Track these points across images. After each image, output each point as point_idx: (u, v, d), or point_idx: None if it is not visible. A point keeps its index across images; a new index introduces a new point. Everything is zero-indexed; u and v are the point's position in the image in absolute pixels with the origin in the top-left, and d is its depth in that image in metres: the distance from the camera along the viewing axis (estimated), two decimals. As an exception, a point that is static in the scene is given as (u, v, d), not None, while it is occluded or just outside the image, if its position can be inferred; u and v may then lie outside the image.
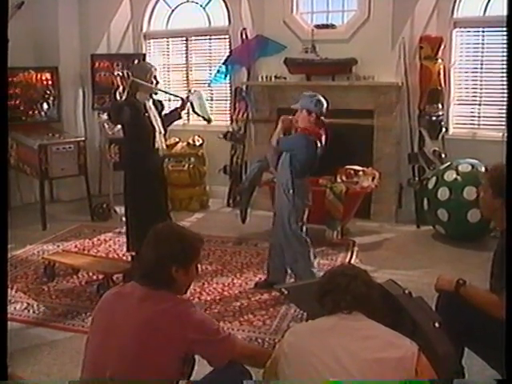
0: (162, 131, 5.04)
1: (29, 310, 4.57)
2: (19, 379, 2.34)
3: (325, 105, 4.62)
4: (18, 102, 7.37)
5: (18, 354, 3.78)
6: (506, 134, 3.13)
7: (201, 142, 7.41)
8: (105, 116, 7.54)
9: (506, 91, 5.87)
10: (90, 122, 8.00)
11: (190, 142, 7.37)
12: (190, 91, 5.82)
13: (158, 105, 5.10)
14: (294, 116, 4.67)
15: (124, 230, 5.97)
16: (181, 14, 8.10)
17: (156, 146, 4.95)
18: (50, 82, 7.58)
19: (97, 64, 7.75)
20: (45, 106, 7.54)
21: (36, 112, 7.50)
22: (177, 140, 7.43)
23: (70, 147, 6.72)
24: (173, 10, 8.13)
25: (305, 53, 6.83)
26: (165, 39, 8.26)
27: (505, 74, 6.03)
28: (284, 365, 2.30)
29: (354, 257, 5.70)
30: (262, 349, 3.62)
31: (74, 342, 4.03)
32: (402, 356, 2.16)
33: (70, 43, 7.86)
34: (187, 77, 8.09)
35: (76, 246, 6.01)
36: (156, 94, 5.03)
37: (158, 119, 5.00)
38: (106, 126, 7.23)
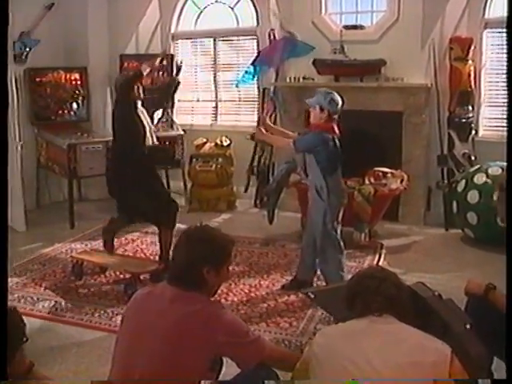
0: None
1: (56, 308, 4.60)
2: (45, 378, 2.35)
3: (340, 103, 4.54)
4: (47, 101, 7.44)
5: (45, 352, 3.82)
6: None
7: (228, 142, 7.38)
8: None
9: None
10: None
11: (218, 142, 7.35)
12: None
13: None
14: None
15: (151, 230, 6.04)
16: (209, 15, 8.10)
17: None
18: (79, 82, 7.64)
19: (125, 64, 7.76)
20: (74, 105, 7.60)
21: (65, 112, 7.57)
22: (204, 140, 7.42)
23: (98, 147, 6.76)
24: (201, 11, 8.14)
25: (333, 54, 6.77)
26: (193, 40, 8.27)
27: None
28: (315, 367, 2.28)
29: (381, 259, 5.65)
30: (289, 352, 3.60)
31: (101, 340, 4.05)
32: (436, 359, 2.13)
33: (99, 43, 7.92)
34: (215, 77, 8.09)
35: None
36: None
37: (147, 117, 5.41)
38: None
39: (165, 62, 7.82)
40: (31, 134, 7.25)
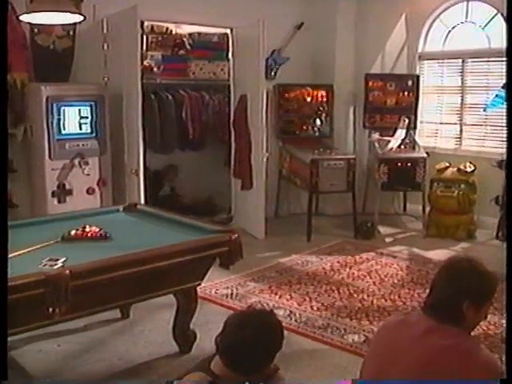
0: None
1: (291, 318, 4.73)
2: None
3: None
4: (293, 116, 7.78)
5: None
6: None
7: (472, 168, 7.06)
8: (376, 135, 7.62)
9: None
10: (359, 140, 8.13)
11: (461, 167, 7.07)
12: None
13: None
14: None
15: (385, 251, 5.97)
16: (458, 35, 7.84)
17: None
18: (324, 99, 7.85)
19: (370, 83, 7.83)
20: (317, 121, 7.79)
21: (309, 127, 7.80)
22: (447, 164, 7.18)
23: (340, 163, 6.84)
24: (449, 31, 7.92)
25: None
26: (440, 60, 8.07)
27: None
28: None
29: None
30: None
31: (332, 356, 4.09)
32: None
33: (346, 62, 8.06)
34: (462, 100, 7.82)
35: (338, 262, 6.10)
36: None
37: None
38: (377, 145, 7.28)
39: (410, 83, 7.78)
40: (276, 147, 7.59)
